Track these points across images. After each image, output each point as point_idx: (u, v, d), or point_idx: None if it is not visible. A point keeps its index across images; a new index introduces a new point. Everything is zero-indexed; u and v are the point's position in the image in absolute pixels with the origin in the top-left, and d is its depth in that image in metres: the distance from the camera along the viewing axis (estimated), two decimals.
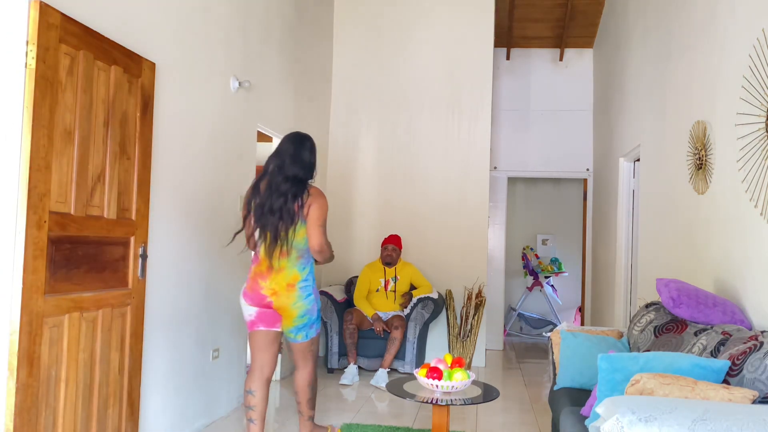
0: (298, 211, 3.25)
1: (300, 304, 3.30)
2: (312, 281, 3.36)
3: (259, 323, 3.36)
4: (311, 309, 3.34)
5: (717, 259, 3.37)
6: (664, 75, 4.49)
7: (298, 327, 3.34)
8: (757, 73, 2.90)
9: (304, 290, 3.31)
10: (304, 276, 3.31)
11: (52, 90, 2.50)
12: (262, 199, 3.29)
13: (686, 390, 2.10)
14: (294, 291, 3.29)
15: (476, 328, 5.90)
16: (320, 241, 3.28)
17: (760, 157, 2.83)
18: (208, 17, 3.93)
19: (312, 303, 3.34)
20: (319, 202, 3.29)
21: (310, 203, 3.28)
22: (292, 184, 3.27)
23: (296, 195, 3.26)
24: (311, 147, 3.42)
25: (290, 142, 3.37)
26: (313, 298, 3.35)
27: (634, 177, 5.70)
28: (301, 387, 3.52)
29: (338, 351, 5.60)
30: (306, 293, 3.31)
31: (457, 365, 3.41)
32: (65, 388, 2.63)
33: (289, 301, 3.29)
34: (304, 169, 3.34)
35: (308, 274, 3.34)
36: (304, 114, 5.73)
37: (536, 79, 7.64)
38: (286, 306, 3.30)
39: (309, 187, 3.34)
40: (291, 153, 3.33)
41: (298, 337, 3.38)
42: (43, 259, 2.48)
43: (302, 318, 3.32)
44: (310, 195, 3.30)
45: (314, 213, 3.27)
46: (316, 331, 3.43)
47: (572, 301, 8.90)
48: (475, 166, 6.33)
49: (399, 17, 6.51)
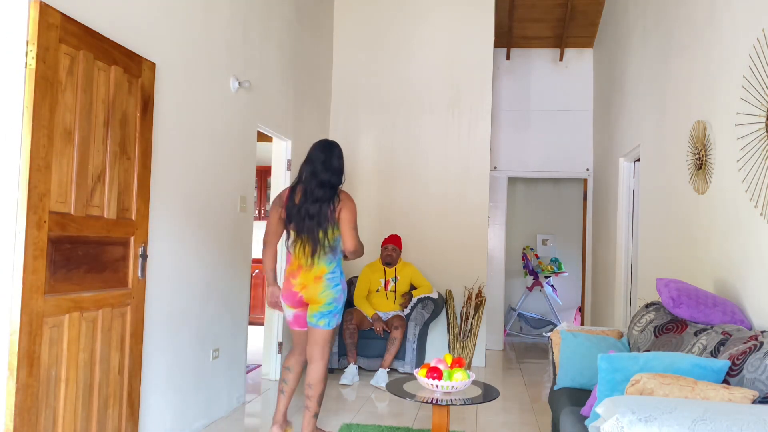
0: (331, 215, 3.50)
1: (327, 292, 3.53)
2: (340, 274, 3.58)
3: (295, 325, 3.70)
4: (338, 298, 3.55)
5: (717, 259, 3.37)
6: (664, 75, 4.49)
7: (323, 313, 3.54)
8: (757, 73, 2.90)
9: (332, 281, 3.54)
10: (331, 269, 3.54)
11: (52, 90, 2.50)
12: (299, 204, 3.55)
13: (686, 390, 2.10)
14: (321, 282, 3.53)
15: (476, 328, 5.90)
16: (354, 243, 3.54)
17: (760, 157, 2.83)
18: (208, 17, 3.93)
19: (339, 293, 3.55)
20: (349, 206, 3.54)
21: (341, 207, 3.52)
22: (325, 190, 3.52)
23: (330, 200, 3.52)
24: (339, 153, 3.65)
25: (320, 150, 3.62)
26: (341, 288, 3.56)
27: (634, 177, 5.70)
28: (315, 380, 3.59)
29: (338, 351, 5.60)
30: (333, 283, 3.54)
31: (457, 365, 3.41)
32: (65, 388, 2.63)
33: (317, 291, 3.53)
34: (335, 175, 3.59)
35: (335, 268, 3.56)
36: (304, 114, 5.73)
37: (536, 79, 7.64)
38: (314, 295, 3.54)
39: (339, 192, 3.58)
40: (322, 160, 3.57)
41: (320, 323, 3.55)
42: (43, 259, 2.48)
43: (329, 305, 3.53)
44: (340, 200, 3.54)
45: (345, 216, 3.52)
46: (337, 322, 3.60)
47: (572, 301, 8.90)
48: (475, 166, 6.33)
49: (399, 17, 6.51)
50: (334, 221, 3.51)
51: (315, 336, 3.58)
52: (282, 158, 5.39)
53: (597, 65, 7.32)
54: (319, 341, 3.57)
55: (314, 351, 3.59)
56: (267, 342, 5.33)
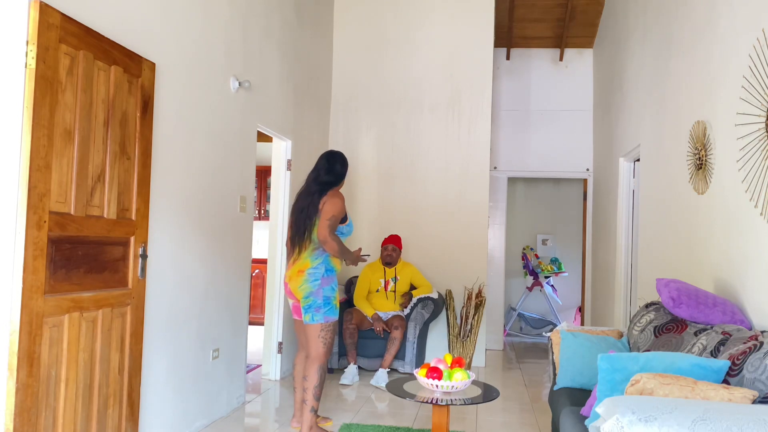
0: (319, 209, 3.70)
1: (305, 286, 3.69)
2: (323, 270, 3.71)
3: (295, 314, 3.88)
4: (315, 292, 3.68)
5: (717, 259, 3.37)
6: (664, 75, 4.49)
7: (304, 307, 3.71)
8: (757, 73, 2.90)
9: (311, 275, 3.69)
10: (314, 265, 3.71)
11: (52, 90, 2.50)
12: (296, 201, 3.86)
13: (686, 390, 2.10)
14: (302, 276, 3.70)
15: (476, 328, 5.90)
16: (323, 234, 3.65)
17: (760, 157, 2.83)
18: (208, 17, 3.93)
19: (317, 287, 3.68)
20: (332, 201, 3.72)
21: (324, 201, 3.72)
22: (319, 186, 3.78)
23: (319, 194, 3.74)
24: (342, 160, 3.90)
25: (324, 159, 3.90)
26: (319, 283, 3.69)
27: (634, 177, 5.70)
28: (308, 373, 3.71)
29: (338, 351, 5.60)
30: (312, 278, 3.69)
31: (457, 365, 3.41)
32: (65, 388, 2.63)
33: (296, 284, 3.72)
34: (334, 177, 3.84)
35: (320, 264, 3.71)
36: (304, 114, 5.73)
37: (536, 79, 7.64)
38: (294, 288, 3.74)
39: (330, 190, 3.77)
40: (325, 166, 3.85)
41: (305, 317, 3.72)
42: (42, 259, 2.48)
43: (306, 299, 3.69)
44: (328, 195, 3.74)
45: (326, 208, 3.70)
46: (324, 317, 3.71)
47: (572, 301, 8.90)
48: (475, 166, 6.33)
49: (399, 17, 6.51)
50: (319, 215, 3.69)
51: (305, 330, 3.77)
52: (282, 158, 5.39)
53: (597, 65, 7.32)
54: (308, 335, 3.73)
55: (309, 346, 3.75)
56: (267, 342, 5.33)
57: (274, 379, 5.27)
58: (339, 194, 3.79)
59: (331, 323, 3.74)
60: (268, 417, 4.41)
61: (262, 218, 8.21)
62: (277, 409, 4.57)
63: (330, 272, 3.74)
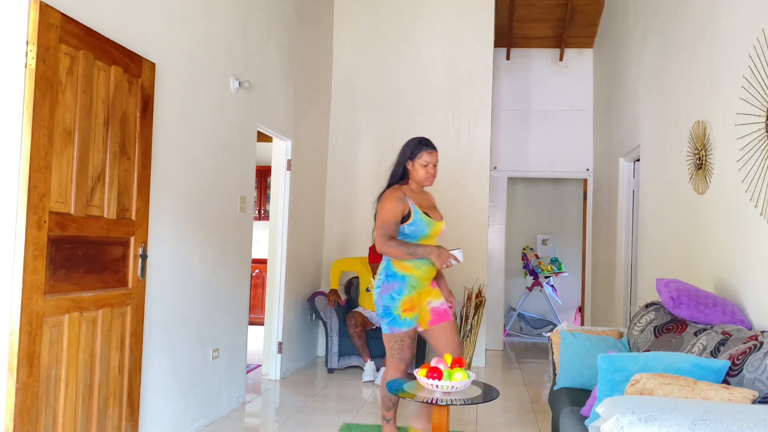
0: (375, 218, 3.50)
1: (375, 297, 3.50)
2: (384, 276, 3.44)
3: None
4: (377, 301, 3.48)
5: (717, 259, 3.37)
6: (664, 75, 4.49)
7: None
8: (757, 73, 2.90)
9: (376, 284, 3.50)
10: (378, 272, 3.51)
11: (52, 90, 2.50)
12: None
13: (686, 390, 2.10)
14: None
15: (476, 328, 5.90)
16: (378, 245, 3.41)
17: (760, 157, 2.83)
18: (208, 17, 3.93)
19: (377, 296, 3.47)
20: (380, 207, 3.46)
21: (377, 208, 3.49)
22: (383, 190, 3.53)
23: (378, 199, 3.51)
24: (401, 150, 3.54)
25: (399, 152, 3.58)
26: (379, 291, 3.46)
27: (634, 177, 5.70)
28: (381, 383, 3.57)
29: (338, 351, 5.61)
30: (376, 287, 3.49)
31: (457, 365, 3.41)
32: (65, 388, 2.63)
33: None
34: (391, 175, 3.57)
35: (381, 270, 3.48)
36: (304, 114, 5.73)
37: (536, 79, 7.63)
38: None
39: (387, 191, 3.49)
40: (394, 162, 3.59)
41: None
42: (42, 259, 2.48)
43: (378, 310, 3.47)
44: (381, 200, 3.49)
45: (377, 217, 3.45)
46: (389, 328, 3.43)
47: (572, 301, 8.89)
48: (475, 166, 6.33)
49: (399, 17, 6.51)
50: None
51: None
52: (282, 158, 5.39)
53: (597, 65, 7.32)
54: (384, 342, 3.51)
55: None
56: (267, 342, 5.33)
57: (274, 379, 5.27)
58: (389, 195, 3.43)
59: (397, 334, 3.42)
60: (268, 417, 4.41)
61: (262, 218, 8.21)
62: (277, 409, 4.57)
63: (391, 278, 3.42)
